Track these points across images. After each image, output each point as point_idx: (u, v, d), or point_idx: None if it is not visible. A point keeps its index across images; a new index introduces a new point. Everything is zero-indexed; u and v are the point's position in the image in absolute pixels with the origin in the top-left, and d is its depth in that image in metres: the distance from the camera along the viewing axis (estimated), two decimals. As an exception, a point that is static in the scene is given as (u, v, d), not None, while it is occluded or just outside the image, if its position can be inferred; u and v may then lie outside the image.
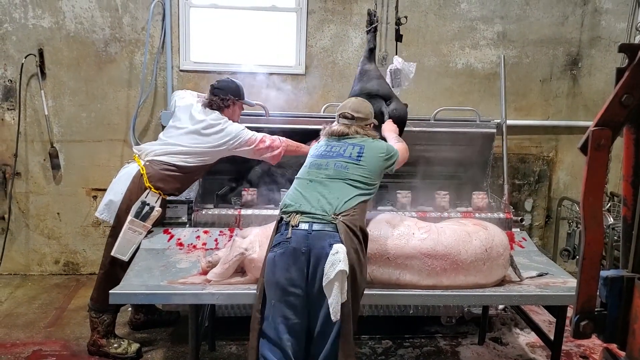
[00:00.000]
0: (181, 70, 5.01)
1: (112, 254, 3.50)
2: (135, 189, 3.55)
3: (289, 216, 2.73)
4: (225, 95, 3.76)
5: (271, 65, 5.08)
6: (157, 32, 4.91)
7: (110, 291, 2.80)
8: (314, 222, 2.66)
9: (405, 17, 4.07)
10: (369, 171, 2.91)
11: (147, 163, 3.61)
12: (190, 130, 3.66)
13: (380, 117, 3.67)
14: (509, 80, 5.19)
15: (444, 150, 4.41)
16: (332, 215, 2.68)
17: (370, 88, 3.79)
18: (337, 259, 2.53)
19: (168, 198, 3.69)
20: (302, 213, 2.71)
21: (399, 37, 4.11)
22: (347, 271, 2.54)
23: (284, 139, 3.81)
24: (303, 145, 3.87)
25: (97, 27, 4.86)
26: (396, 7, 4.05)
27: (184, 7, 4.93)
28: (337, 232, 2.63)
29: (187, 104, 3.84)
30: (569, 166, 5.53)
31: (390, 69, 3.88)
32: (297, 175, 3.00)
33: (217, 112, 3.72)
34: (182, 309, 4.12)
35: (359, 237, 2.70)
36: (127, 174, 3.63)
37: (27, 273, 5.15)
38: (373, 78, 3.82)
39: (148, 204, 3.52)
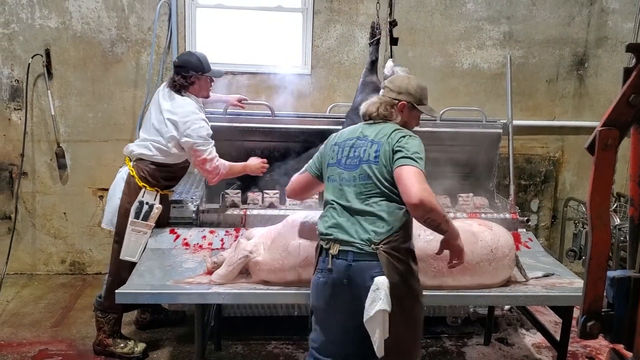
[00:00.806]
0: (187, 71, 5.01)
1: (120, 257, 3.50)
2: (130, 190, 3.55)
3: (328, 244, 2.56)
4: (187, 73, 3.54)
5: (277, 66, 5.08)
6: (164, 32, 4.93)
7: (116, 291, 2.81)
8: (354, 252, 2.49)
9: (395, 21, 3.85)
10: (389, 171, 2.55)
11: (134, 163, 3.60)
12: (155, 120, 3.56)
13: None
14: (515, 80, 5.18)
15: (449, 151, 4.39)
16: (372, 246, 2.47)
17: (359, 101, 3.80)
18: (378, 296, 2.40)
19: (171, 196, 3.70)
20: (342, 242, 2.53)
21: (393, 41, 3.89)
22: (389, 309, 2.41)
23: (227, 167, 3.59)
24: (246, 164, 3.76)
25: (103, 27, 4.88)
26: (390, 7, 3.89)
27: (190, 7, 4.94)
28: (379, 261, 2.45)
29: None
30: (575, 166, 5.52)
31: (383, 76, 3.69)
32: (327, 190, 2.72)
33: (185, 100, 3.54)
34: (188, 308, 4.14)
35: (404, 260, 2.50)
36: (120, 178, 3.63)
37: (34, 273, 5.17)
38: (375, 90, 3.82)
39: (147, 203, 3.52)
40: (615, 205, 4.89)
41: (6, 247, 4.73)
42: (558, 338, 3.29)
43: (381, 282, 2.42)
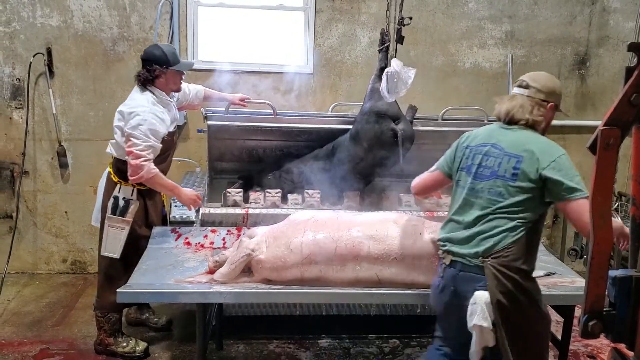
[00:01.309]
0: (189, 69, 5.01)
1: (101, 253, 3.54)
2: (108, 187, 3.58)
3: (443, 254, 2.63)
4: (150, 66, 3.48)
5: (279, 65, 5.08)
6: (165, 31, 4.93)
7: (117, 290, 2.81)
8: (463, 264, 2.52)
9: (410, 18, 3.85)
10: (525, 194, 2.45)
11: (113, 160, 3.61)
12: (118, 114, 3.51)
13: (391, 137, 3.74)
14: (516, 79, 5.16)
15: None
16: (481, 259, 2.46)
17: (379, 107, 3.83)
18: (475, 310, 2.42)
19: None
20: (454, 254, 2.56)
21: (399, 39, 3.87)
22: (486, 324, 2.41)
23: (152, 173, 3.37)
24: (177, 187, 3.55)
25: (105, 26, 4.88)
26: (400, 6, 3.90)
27: (192, 5, 4.94)
28: (485, 275, 2.44)
29: None
30: (577, 166, 5.47)
31: (387, 72, 3.69)
32: (453, 197, 2.70)
33: (142, 93, 3.49)
34: (190, 308, 4.14)
35: (514, 279, 2.41)
36: (103, 177, 3.67)
37: (35, 272, 5.17)
38: (381, 98, 3.84)
39: (123, 198, 3.52)
40: (616, 205, 4.88)
41: (7, 246, 4.73)
42: (559, 337, 3.29)
43: (479, 297, 2.43)
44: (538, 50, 5.29)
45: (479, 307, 2.41)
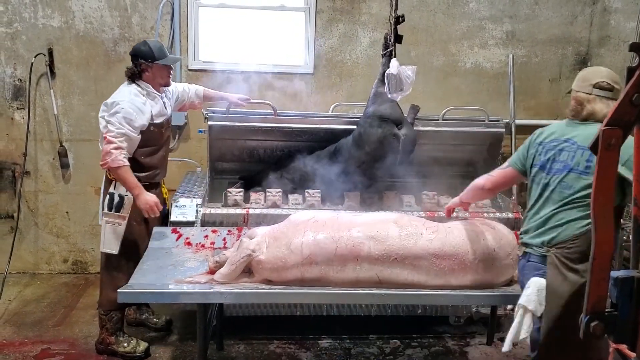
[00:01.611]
0: (190, 70, 5.02)
1: (101, 249, 3.59)
2: (106, 184, 3.62)
3: (520, 247, 2.78)
4: (136, 61, 3.57)
5: (280, 65, 5.08)
6: (166, 32, 4.93)
7: (118, 290, 2.81)
8: (530, 253, 2.65)
9: (402, 16, 3.72)
10: None
11: None
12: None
13: (395, 141, 3.78)
14: (517, 79, 5.17)
15: (452, 150, 4.39)
16: (546, 248, 2.56)
17: (382, 111, 3.85)
18: (525, 292, 2.54)
19: (171, 195, 3.74)
20: (526, 245, 2.69)
21: (397, 39, 3.83)
22: (531, 308, 2.51)
23: (119, 164, 3.39)
24: (138, 187, 3.48)
25: (106, 26, 4.88)
26: (395, 3, 3.81)
27: (193, 6, 4.94)
28: (547, 264, 2.54)
29: None
30: (578, 166, 5.49)
31: (387, 75, 3.70)
32: (529, 193, 2.77)
33: (128, 87, 3.57)
34: (191, 308, 4.14)
35: (575, 270, 2.46)
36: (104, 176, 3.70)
37: (36, 272, 5.18)
38: (386, 101, 3.87)
39: (119, 194, 3.54)
40: (618, 205, 4.87)
41: (9, 246, 4.73)
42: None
43: (534, 282, 2.53)
44: (539, 50, 5.29)
45: (530, 290, 2.52)
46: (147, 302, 3.98)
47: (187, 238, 3.55)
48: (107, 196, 3.55)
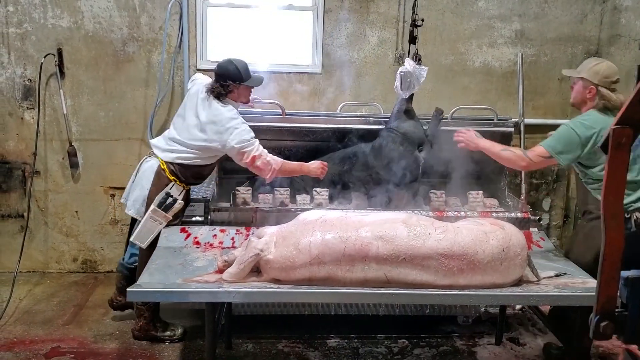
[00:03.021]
0: (198, 69, 5.03)
1: (131, 239, 3.66)
2: (160, 182, 3.65)
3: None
4: (224, 82, 3.65)
5: (288, 64, 5.08)
6: (175, 32, 4.94)
7: (127, 289, 2.82)
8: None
9: (422, 20, 3.93)
10: None
11: (175, 164, 3.69)
12: (191, 124, 3.67)
13: (414, 164, 3.92)
14: (526, 78, 5.14)
15: (461, 150, 4.37)
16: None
17: (406, 128, 3.96)
18: None
19: (191, 194, 3.83)
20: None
21: (412, 39, 3.95)
22: None
23: (279, 162, 3.64)
24: (303, 164, 3.81)
25: (115, 26, 4.90)
26: (413, 8, 3.93)
27: (201, 6, 4.95)
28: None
29: (196, 90, 3.77)
30: (587, 165, 5.47)
31: (401, 72, 3.83)
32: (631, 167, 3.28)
33: (225, 107, 3.63)
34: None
35: None
36: (150, 168, 3.72)
37: (46, 271, 5.21)
38: (410, 120, 3.98)
39: (172, 196, 3.62)
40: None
41: (19, 245, 4.76)
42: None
43: None
44: (548, 49, 5.26)
45: None
46: (158, 301, 3.99)
47: (195, 237, 3.56)
48: (163, 194, 3.62)
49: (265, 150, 3.62)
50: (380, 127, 4.21)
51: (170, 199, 3.61)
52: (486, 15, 5.15)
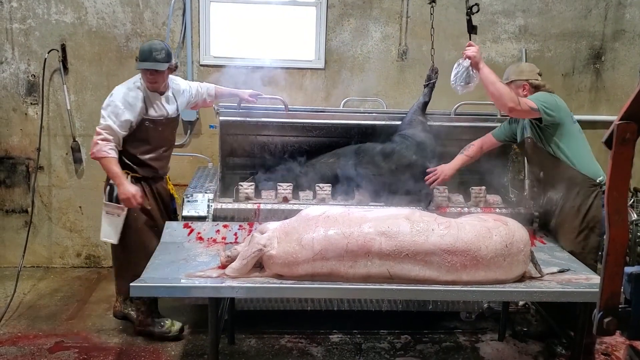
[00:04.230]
0: (201, 65, 5.03)
1: (101, 238, 3.70)
2: (108, 176, 3.70)
3: None
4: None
5: (291, 60, 5.08)
6: (178, 27, 4.94)
7: (131, 284, 2.82)
8: None
9: (477, 5, 3.73)
10: None
11: None
12: None
13: (421, 174, 3.93)
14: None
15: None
16: None
17: (423, 139, 4.02)
18: None
19: (182, 190, 3.90)
20: None
21: (471, 29, 3.79)
22: None
23: (102, 154, 3.51)
24: (122, 178, 3.56)
25: (118, 22, 4.90)
26: None
27: (205, 1, 4.94)
28: None
29: None
30: (591, 161, 5.45)
31: (460, 63, 3.73)
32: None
33: (122, 86, 3.67)
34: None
35: None
36: None
37: (50, 266, 5.23)
38: (424, 131, 4.03)
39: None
40: (632, 201, 4.83)
41: (23, 241, 4.78)
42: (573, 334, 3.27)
43: None
44: (552, 45, 5.24)
45: None
46: (160, 296, 4.00)
47: (198, 233, 3.57)
48: (108, 187, 3.65)
49: (108, 136, 3.53)
50: (382, 122, 4.20)
51: (116, 190, 3.60)
52: (490, 10, 5.13)
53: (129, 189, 3.57)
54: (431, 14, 4.02)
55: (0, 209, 5.12)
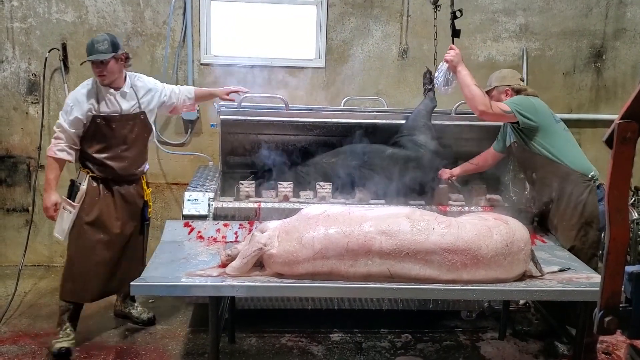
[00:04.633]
0: (202, 64, 5.03)
1: (53, 233, 3.69)
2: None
3: None
4: None
5: (291, 59, 5.08)
6: (178, 26, 4.94)
7: (131, 283, 2.81)
8: None
9: (460, 11, 3.77)
10: None
11: None
12: None
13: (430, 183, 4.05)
14: (531, 73, 5.13)
15: (464, 144, 4.37)
16: None
17: (435, 147, 4.06)
18: None
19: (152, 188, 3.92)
20: None
21: (455, 33, 3.78)
22: None
23: (51, 154, 3.56)
24: (52, 186, 3.60)
25: (119, 21, 4.90)
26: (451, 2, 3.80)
27: (205, 0, 4.94)
28: None
29: None
30: (592, 160, 5.40)
31: (440, 68, 3.74)
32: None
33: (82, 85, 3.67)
34: (197, 303, 4.16)
35: None
36: None
37: (51, 264, 5.23)
38: (433, 139, 4.07)
39: (79, 183, 3.64)
40: (633, 200, 4.83)
41: (24, 239, 4.78)
42: (574, 333, 3.26)
43: None
44: (553, 43, 5.24)
45: None
46: (161, 295, 4.00)
47: (199, 232, 3.57)
48: (70, 183, 3.67)
49: (59, 134, 3.56)
50: (383, 121, 4.20)
51: (76, 186, 3.62)
52: (490, 9, 5.13)
53: (50, 198, 3.60)
54: (435, 18, 3.99)
55: (1, 207, 5.12)
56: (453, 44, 3.71)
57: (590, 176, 3.53)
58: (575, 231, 3.53)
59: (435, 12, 3.99)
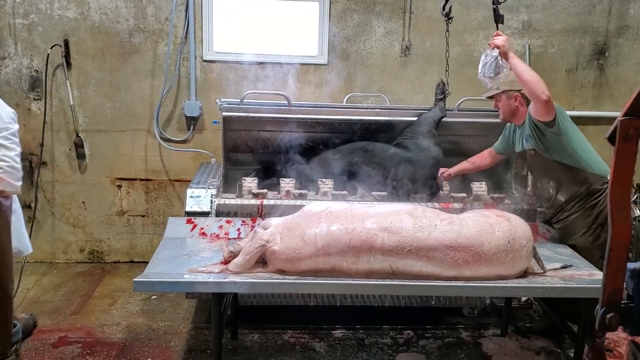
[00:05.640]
0: (204, 61, 5.03)
1: None
2: None
3: None
4: None
5: (294, 55, 5.07)
6: (181, 23, 4.94)
7: (134, 279, 2.81)
8: None
9: None
10: None
11: None
12: None
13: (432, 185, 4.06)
14: (533, 70, 5.10)
15: (467, 141, 4.37)
16: None
17: (436, 154, 4.08)
18: None
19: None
20: None
21: (498, 18, 3.74)
22: None
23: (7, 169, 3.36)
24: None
25: (121, 17, 4.90)
26: None
27: (207, -3, 4.94)
28: None
29: None
30: (594, 157, 5.44)
31: (487, 53, 3.63)
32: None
33: None
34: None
35: None
36: None
37: (53, 261, 5.24)
38: (437, 146, 4.09)
39: None
40: (635, 197, 4.82)
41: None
42: (575, 329, 3.27)
43: None
44: (556, 40, 5.23)
45: None
46: (163, 291, 3.99)
47: (201, 228, 3.57)
48: None
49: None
50: (386, 118, 4.20)
51: None
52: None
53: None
54: (447, 30, 4.00)
55: (3, 204, 5.13)
56: (497, 29, 3.66)
57: (608, 178, 3.49)
58: (588, 231, 3.53)
59: (447, 24, 3.98)
